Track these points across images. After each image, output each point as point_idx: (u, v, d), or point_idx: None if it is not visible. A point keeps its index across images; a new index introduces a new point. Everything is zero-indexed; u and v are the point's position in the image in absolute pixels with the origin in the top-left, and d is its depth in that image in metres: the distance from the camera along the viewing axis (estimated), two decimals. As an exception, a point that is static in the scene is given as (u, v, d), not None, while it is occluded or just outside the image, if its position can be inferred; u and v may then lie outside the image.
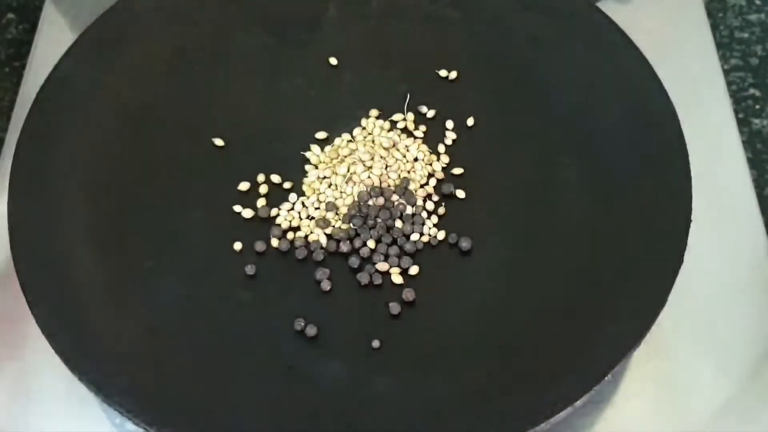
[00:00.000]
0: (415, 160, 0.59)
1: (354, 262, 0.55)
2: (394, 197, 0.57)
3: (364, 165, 0.58)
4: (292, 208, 0.57)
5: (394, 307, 0.53)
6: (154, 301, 0.53)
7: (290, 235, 0.56)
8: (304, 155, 0.59)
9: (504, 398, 0.49)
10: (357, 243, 0.55)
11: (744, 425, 0.55)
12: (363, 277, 0.54)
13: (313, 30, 0.65)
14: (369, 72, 0.63)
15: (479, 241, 0.55)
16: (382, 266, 0.55)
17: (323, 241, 0.56)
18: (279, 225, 0.56)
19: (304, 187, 0.58)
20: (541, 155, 0.59)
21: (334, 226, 0.56)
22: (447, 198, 0.58)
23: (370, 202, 0.57)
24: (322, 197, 0.57)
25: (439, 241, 0.56)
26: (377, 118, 0.61)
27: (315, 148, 0.59)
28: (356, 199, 0.57)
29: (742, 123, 0.83)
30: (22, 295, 0.51)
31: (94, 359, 0.50)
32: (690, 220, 0.53)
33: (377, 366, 0.51)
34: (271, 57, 0.63)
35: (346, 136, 0.60)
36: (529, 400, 0.48)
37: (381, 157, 0.58)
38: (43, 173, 0.56)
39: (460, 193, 0.58)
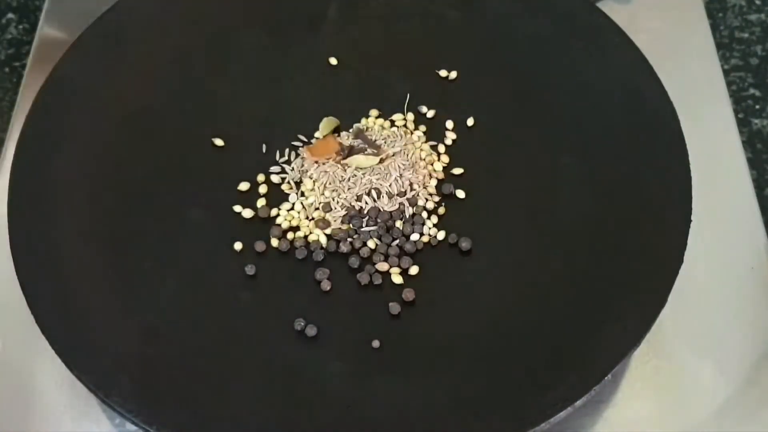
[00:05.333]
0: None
1: (354, 262, 0.55)
2: (395, 198, 0.57)
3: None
4: (292, 208, 0.57)
5: (394, 307, 0.53)
6: (154, 301, 0.53)
7: (290, 235, 0.56)
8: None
9: (504, 398, 0.49)
10: (357, 243, 0.55)
11: (744, 425, 0.55)
12: (363, 277, 0.54)
13: (313, 30, 0.65)
14: (369, 72, 0.63)
15: (479, 241, 0.55)
16: (382, 266, 0.55)
17: (323, 241, 0.56)
18: (279, 225, 0.56)
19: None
20: (541, 155, 0.59)
21: (333, 227, 0.56)
22: (447, 198, 0.58)
23: (371, 203, 0.57)
24: (321, 198, 0.57)
25: (439, 241, 0.56)
26: (377, 118, 0.61)
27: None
28: (356, 199, 0.57)
29: (742, 123, 0.83)
30: (22, 295, 0.51)
31: (94, 359, 0.50)
32: (690, 220, 0.53)
33: (377, 366, 0.51)
34: (271, 57, 0.63)
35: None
36: (529, 400, 0.48)
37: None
38: (43, 173, 0.56)
39: (460, 193, 0.58)
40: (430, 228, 0.56)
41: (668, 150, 0.56)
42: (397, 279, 0.54)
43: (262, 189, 0.58)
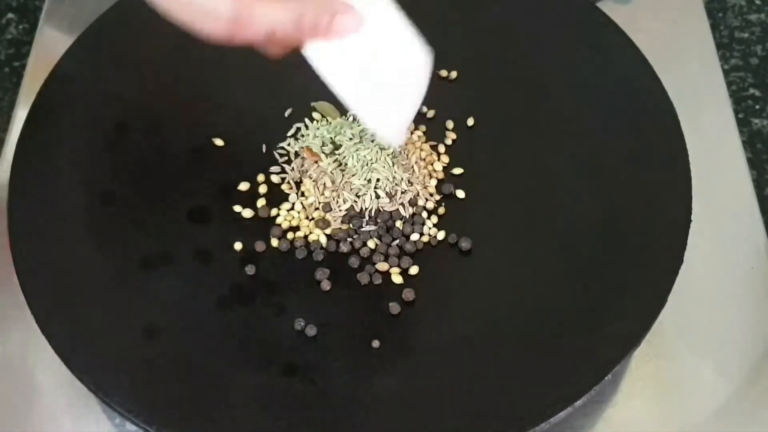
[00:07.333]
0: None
1: (354, 262, 0.55)
2: (395, 198, 0.57)
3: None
4: (292, 208, 0.57)
5: (394, 307, 0.53)
6: (154, 301, 0.53)
7: (290, 235, 0.56)
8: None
9: (504, 398, 0.49)
10: (357, 243, 0.55)
11: (744, 425, 0.55)
12: (363, 277, 0.54)
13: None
14: (369, 72, 0.63)
15: (479, 241, 0.55)
16: (382, 266, 0.55)
17: (323, 241, 0.56)
18: (279, 225, 0.56)
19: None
20: (541, 155, 0.59)
21: (333, 227, 0.56)
22: (447, 198, 0.58)
23: (371, 203, 0.57)
24: (321, 198, 0.57)
25: (439, 241, 0.56)
26: (377, 118, 0.61)
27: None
28: (356, 199, 0.57)
29: (742, 123, 0.83)
30: (22, 295, 0.51)
31: (94, 359, 0.50)
32: (690, 220, 0.53)
33: (377, 366, 0.51)
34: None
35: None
36: (529, 400, 0.48)
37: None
38: (43, 173, 0.56)
39: (460, 193, 0.58)
40: (430, 228, 0.56)
41: (668, 150, 0.56)
42: (397, 279, 0.54)
43: (262, 189, 0.58)
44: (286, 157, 0.59)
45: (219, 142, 0.59)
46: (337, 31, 0.46)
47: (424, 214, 0.57)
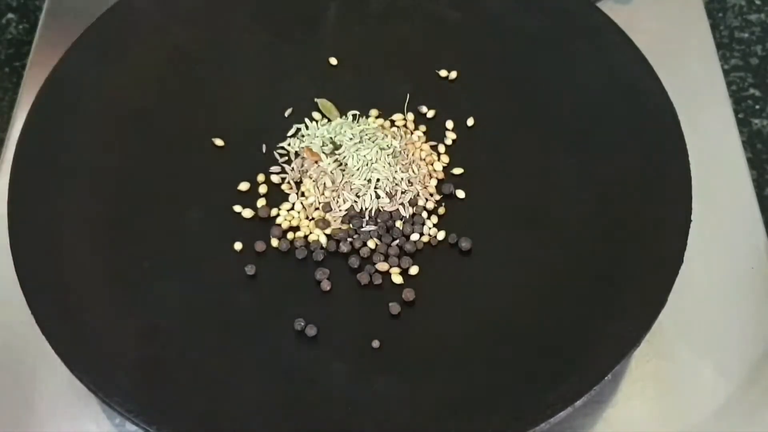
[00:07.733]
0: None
1: (354, 262, 0.55)
2: (395, 198, 0.57)
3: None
4: (292, 208, 0.57)
5: (394, 307, 0.53)
6: (154, 301, 0.53)
7: (290, 235, 0.56)
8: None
9: (504, 398, 0.49)
10: (357, 243, 0.55)
11: (744, 425, 0.55)
12: (363, 277, 0.54)
13: (313, 30, 0.65)
14: (369, 72, 0.63)
15: (479, 241, 0.55)
16: (382, 266, 0.55)
17: (323, 241, 0.56)
18: (279, 225, 0.56)
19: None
20: (541, 155, 0.59)
21: (333, 227, 0.56)
22: (447, 198, 0.58)
23: (371, 203, 0.57)
24: (321, 198, 0.57)
25: (439, 241, 0.56)
26: (377, 118, 0.61)
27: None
28: (356, 199, 0.57)
29: (742, 123, 0.83)
30: (22, 295, 0.51)
31: (94, 359, 0.50)
32: (690, 220, 0.53)
33: (377, 366, 0.51)
34: (271, 57, 0.63)
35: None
36: (529, 400, 0.48)
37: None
38: (43, 173, 0.56)
39: (460, 193, 0.58)
40: (430, 228, 0.56)
41: (668, 150, 0.56)
42: (397, 279, 0.54)
43: (262, 189, 0.58)
44: (286, 157, 0.59)
45: (219, 142, 0.59)
46: None
47: (424, 214, 0.57)
